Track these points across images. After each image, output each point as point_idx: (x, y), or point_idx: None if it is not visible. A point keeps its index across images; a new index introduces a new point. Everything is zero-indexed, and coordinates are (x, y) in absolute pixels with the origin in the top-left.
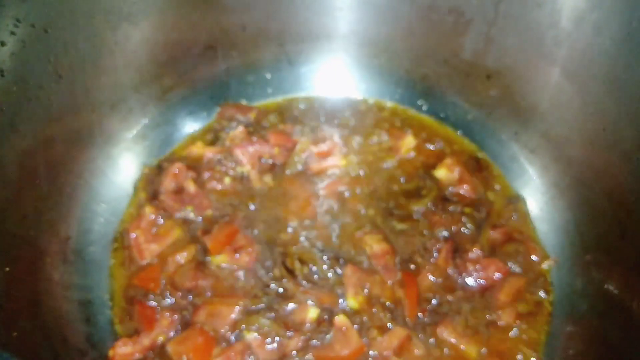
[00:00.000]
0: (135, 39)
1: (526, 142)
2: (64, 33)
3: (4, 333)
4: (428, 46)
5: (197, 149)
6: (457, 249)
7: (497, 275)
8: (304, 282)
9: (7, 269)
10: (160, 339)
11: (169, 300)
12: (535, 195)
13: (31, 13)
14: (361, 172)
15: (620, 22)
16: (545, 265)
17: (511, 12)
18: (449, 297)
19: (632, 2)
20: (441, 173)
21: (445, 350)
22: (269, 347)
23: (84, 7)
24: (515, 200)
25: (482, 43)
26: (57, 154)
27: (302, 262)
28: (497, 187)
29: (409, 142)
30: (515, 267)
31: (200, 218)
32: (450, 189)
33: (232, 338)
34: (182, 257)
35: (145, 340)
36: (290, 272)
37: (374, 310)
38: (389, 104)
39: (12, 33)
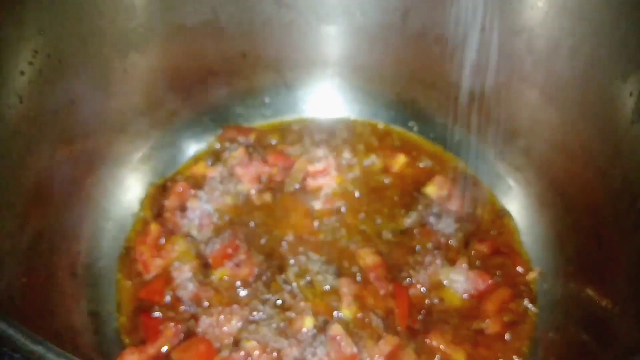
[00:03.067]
0: (142, 67)
1: (511, 160)
2: (77, 62)
3: None
4: (417, 72)
5: (200, 168)
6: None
7: (484, 286)
8: (301, 294)
9: (24, 279)
10: (165, 348)
11: (172, 312)
12: (520, 210)
13: (47, 45)
14: (355, 189)
15: (591, 47)
16: (529, 277)
17: (492, 39)
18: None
19: (600, 29)
20: (430, 190)
21: (435, 357)
22: (268, 355)
23: (95, 38)
24: (502, 215)
25: (466, 68)
26: (69, 174)
27: (299, 274)
28: (484, 203)
29: (400, 160)
30: (501, 279)
31: (202, 234)
32: (439, 204)
33: (233, 347)
34: (185, 270)
35: (151, 350)
36: (288, 284)
37: (366, 319)
38: (382, 124)
39: (30, 63)
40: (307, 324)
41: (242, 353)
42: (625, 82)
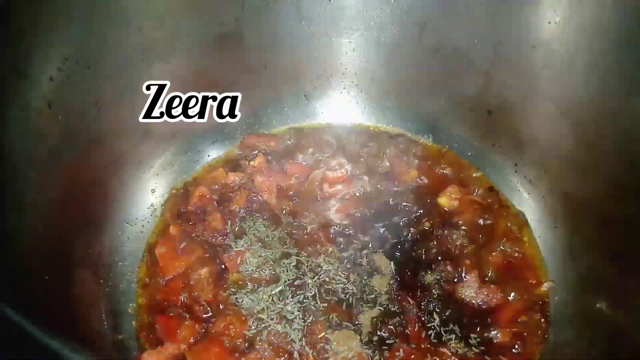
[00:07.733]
0: (167, 75)
1: (525, 173)
2: (105, 69)
3: None
4: (434, 83)
5: (220, 174)
6: (459, 270)
7: (497, 297)
8: (313, 300)
9: (46, 277)
10: (183, 347)
11: (189, 313)
12: (533, 222)
13: (77, 52)
14: (369, 196)
15: (608, 63)
16: (541, 289)
17: (508, 53)
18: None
19: (618, 45)
20: (444, 200)
21: None
22: (279, 359)
23: (123, 47)
24: (517, 227)
25: (483, 81)
26: (93, 177)
27: (313, 281)
28: (499, 213)
29: (412, 173)
30: (513, 291)
31: (220, 238)
32: (452, 214)
33: (247, 349)
34: (202, 273)
35: (169, 349)
36: (301, 290)
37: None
38: (397, 133)
39: (60, 69)
40: (319, 329)
41: (254, 355)
42: None
